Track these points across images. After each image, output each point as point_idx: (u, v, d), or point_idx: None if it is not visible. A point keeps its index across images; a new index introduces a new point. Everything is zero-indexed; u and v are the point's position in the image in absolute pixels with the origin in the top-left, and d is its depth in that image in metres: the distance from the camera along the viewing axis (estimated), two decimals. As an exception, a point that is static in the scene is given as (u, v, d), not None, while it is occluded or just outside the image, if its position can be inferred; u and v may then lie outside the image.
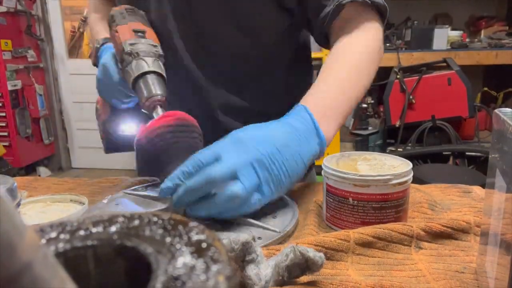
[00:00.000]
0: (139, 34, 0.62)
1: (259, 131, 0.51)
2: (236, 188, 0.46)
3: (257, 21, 0.68)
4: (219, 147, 0.48)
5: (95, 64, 0.73)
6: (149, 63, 0.59)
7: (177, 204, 0.49)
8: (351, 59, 0.63)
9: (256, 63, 0.72)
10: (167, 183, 0.48)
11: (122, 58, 0.61)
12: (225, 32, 0.68)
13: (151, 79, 0.59)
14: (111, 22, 0.65)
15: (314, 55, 1.10)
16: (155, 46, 0.62)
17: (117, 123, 0.70)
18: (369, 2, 0.63)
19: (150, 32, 0.64)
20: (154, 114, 0.58)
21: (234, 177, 0.46)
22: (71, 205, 0.58)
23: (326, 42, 0.70)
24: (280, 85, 0.76)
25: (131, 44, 0.60)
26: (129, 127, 0.70)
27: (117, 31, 0.62)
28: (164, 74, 0.61)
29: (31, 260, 0.11)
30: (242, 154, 0.47)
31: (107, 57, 0.66)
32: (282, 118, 0.55)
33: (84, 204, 0.57)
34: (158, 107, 0.58)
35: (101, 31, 0.79)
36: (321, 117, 0.55)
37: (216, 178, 0.45)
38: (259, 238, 0.46)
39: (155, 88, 0.58)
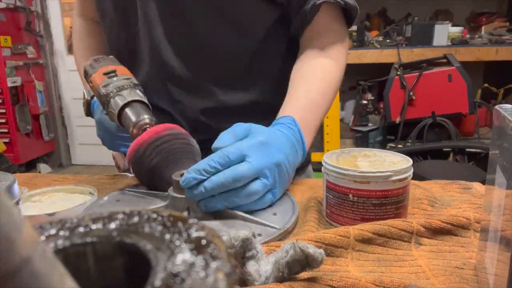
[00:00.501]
0: (110, 74, 0.63)
1: (275, 138, 0.55)
2: (257, 186, 0.50)
3: (244, 14, 0.68)
4: (245, 147, 0.51)
5: (89, 115, 0.74)
6: (125, 96, 0.60)
7: (196, 196, 0.50)
8: (321, 81, 0.68)
9: (246, 60, 0.71)
10: (192, 174, 0.49)
11: (103, 102, 0.62)
12: (212, 28, 0.68)
13: (133, 108, 0.60)
14: (86, 77, 0.66)
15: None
16: (128, 78, 0.63)
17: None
18: (342, 3, 0.67)
19: (120, 69, 0.65)
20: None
21: (257, 176, 0.51)
22: (82, 196, 0.61)
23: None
24: (272, 83, 0.75)
25: (105, 86, 0.61)
26: None
27: (91, 81, 0.64)
28: (146, 100, 0.61)
29: (30, 255, 0.11)
30: (267, 157, 0.52)
31: (99, 112, 0.68)
32: (276, 126, 0.59)
33: (93, 194, 0.60)
34: (148, 129, 0.58)
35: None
36: (303, 132, 0.60)
37: (245, 176, 0.49)
38: (259, 234, 0.46)
39: (138, 114, 0.59)
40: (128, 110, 0.59)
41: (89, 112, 0.73)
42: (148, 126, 0.58)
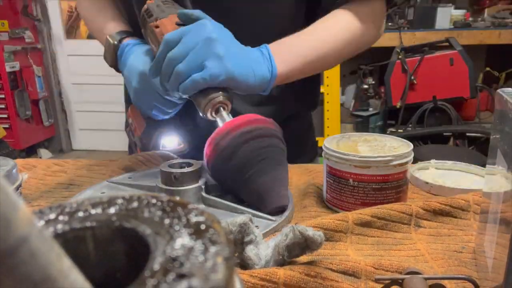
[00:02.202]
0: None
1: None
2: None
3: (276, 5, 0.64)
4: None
5: (114, 65, 0.65)
6: None
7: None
8: (331, 32, 0.63)
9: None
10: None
11: None
12: (249, 12, 0.63)
13: None
14: (147, 17, 0.57)
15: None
16: None
17: (156, 138, 0.62)
18: None
19: None
20: (218, 120, 0.51)
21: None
22: None
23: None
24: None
25: None
26: (169, 141, 0.63)
27: (157, 26, 0.54)
28: None
29: (27, 233, 0.12)
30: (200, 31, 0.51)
31: (143, 62, 0.58)
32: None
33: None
34: (222, 110, 0.51)
35: (109, 23, 0.68)
36: (278, 54, 0.56)
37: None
38: (256, 226, 0.45)
39: (214, 88, 0.50)
40: None
41: (114, 60, 0.63)
42: (222, 105, 0.51)
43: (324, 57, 0.61)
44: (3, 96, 3.14)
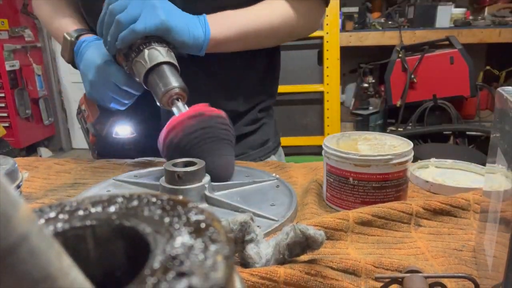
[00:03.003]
0: None
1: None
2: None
3: None
4: None
5: (71, 61, 0.67)
6: (162, 53, 0.55)
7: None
8: (268, 14, 0.68)
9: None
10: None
11: (130, 48, 0.56)
12: None
13: (167, 70, 0.54)
14: None
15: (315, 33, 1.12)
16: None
17: (110, 125, 0.65)
18: None
19: None
20: (174, 110, 0.55)
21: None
22: None
23: None
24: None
25: None
26: (123, 129, 0.65)
27: None
28: (178, 65, 0.57)
29: (27, 232, 0.11)
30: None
31: (100, 55, 0.60)
32: None
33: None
34: (178, 101, 0.55)
35: (68, 21, 0.71)
36: (214, 21, 0.62)
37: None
38: (258, 226, 0.45)
39: (172, 80, 0.54)
40: (163, 70, 0.54)
41: (71, 56, 0.65)
42: (179, 96, 0.55)
43: (259, 30, 0.67)
44: (3, 95, 3.14)
